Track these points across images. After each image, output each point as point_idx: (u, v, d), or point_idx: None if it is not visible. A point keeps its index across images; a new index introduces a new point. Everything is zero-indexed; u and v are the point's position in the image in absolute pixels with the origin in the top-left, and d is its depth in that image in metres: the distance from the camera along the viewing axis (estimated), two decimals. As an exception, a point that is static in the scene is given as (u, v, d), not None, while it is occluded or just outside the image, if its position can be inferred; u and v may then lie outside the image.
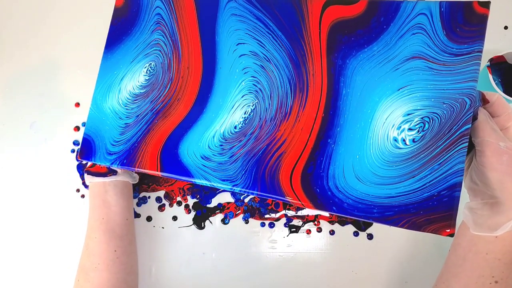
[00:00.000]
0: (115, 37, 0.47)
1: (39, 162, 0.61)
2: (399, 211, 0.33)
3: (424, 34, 0.34)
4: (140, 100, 0.45)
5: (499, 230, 0.33)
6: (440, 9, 0.34)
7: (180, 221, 0.58)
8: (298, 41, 0.38)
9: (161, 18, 0.45)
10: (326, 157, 0.37)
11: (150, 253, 0.57)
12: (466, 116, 0.32)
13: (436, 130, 0.33)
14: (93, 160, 0.45)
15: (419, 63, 0.34)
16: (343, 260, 0.56)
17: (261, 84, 0.40)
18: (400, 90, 0.35)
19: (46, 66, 0.65)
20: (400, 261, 0.55)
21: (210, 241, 0.57)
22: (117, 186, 0.48)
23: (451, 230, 0.32)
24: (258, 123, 0.39)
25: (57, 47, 0.66)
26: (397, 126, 0.35)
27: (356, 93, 0.36)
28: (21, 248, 0.58)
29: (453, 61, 0.33)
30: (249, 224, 0.57)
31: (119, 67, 0.46)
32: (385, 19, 0.35)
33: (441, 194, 0.33)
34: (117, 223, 0.47)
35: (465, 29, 0.33)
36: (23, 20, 0.68)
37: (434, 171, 0.33)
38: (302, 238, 0.57)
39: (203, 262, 0.56)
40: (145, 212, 0.58)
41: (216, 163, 0.40)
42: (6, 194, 0.60)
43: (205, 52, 0.43)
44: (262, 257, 0.56)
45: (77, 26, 0.67)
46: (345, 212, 0.35)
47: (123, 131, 0.44)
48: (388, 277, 0.55)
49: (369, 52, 0.36)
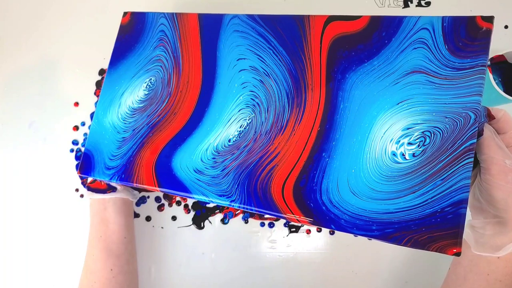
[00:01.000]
0: (119, 53, 0.48)
1: (38, 162, 0.61)
2: (399, 228, 0.32)
3: (425, 49, 0.34)
4: (138, 114, 0.45)
5: (501, 250, 0.32)
6: (443, 24, 0.33)
7: (180, 221, 0.58)
8: (299, 56, 0.38)
9: (165, 34, 0.46)
10: (320, 171, 0.36)
11: (149, 253, 0.57)
12: (471, 131, 0.31)
13: (438, 144, 0.32)
14: (92, 175, 0.45)
15: (419, 77, 0.34)
16: (343, 260, 0.55)
17: (259, 98, 0.40)
18: (399, 104, 0.34)
19: (45, 66, 0.65)
20: (400, 261, 0.54)
21: (209, 241, 0.57)
22: (116, 203, 0.47)
23: (457, 249, 0.30)
24: (253, 137, 0.39)
25: (56, 46, 0.66)
26: (396, 141, 0.34)
27: (354, 107, 0.35)
28: (20, 247, 0.58)
29: (456, 75, 0.32)
30: (248, 224, 0.57)
31: (121, 83, 0.47)
32: (386, 33, 0.35)
33: (444, 210, 0.31)
34: (114, 242, 0.47)
35: (468, 44, 0.32)
36: (21, 19, 0.67)
37: (436, 186, 0.31)
38: (302, 238, 0.56)
39: (202, 262, 0.56)
40: (145, 212, 0.58)
41: (209, 177, 0.40)
42: (6, 194, 0.60)
43: (205, 67, 0.43)
44: (262, 257, 0.56)
45: (76, 25, 0.67)
46: (344, 229, 0.34)
47: (120, 145, 0.44)
48: (388, 277, 0.55)
49: (369, 66, 0.35)
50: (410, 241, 0.31)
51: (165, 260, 0.57)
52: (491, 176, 0.31)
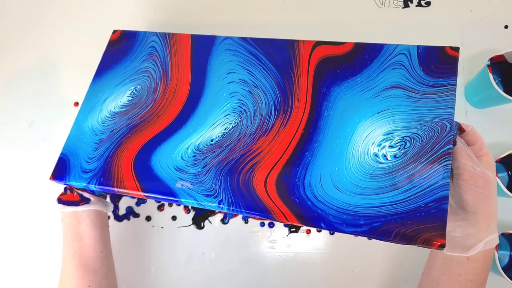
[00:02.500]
0: (106, 65, 0.48)
1: (38, 162, 0.61)
2: (386, 221, 0.33)
3: (403, 69, 0.38)
4: (118, 117, 0.44)
5: (471, 250, 0.34)
6: (418, 51, 0.39)
7: (180, 221, 0.58)
8: (288, 72, 0.41)
9: (155, 50, 0.47)
10: (302, 168, 0.37)
11: (149, 253, 0.57)
12: (448, 137, 0.34)
13: (418, 148, 0.35)
14: (68, 179, 0.42)
15: (398, 91, 0.38)
16: (343, 260, 0.55)
17: (246, 106, 0.41)
18: (379, 113, 0.37)
19: (45, 66, 0.65)
20: (400, 261, 0.54)
21: (209, 241, 0.57)
22: (90, 216, 0.45)
23: (442, 240, 0.31)
24: (237, 137, 0.40)
25: (56, 46, 0.66)
26: (378, 144, 0.36)
27: (337, 114, 0.38)
28: (20, 247, 0.58)
29: (430, 91, 0.37)
30: (248, 224, 0.57)
31: (104, 90, 0.46)
32: (369, 56, 0.39)
33: (428, 205, 0.33)
34: (90, 257, 0.44)
35: (439, 66, 0.37)
36: (21, 20, 0.67)
37: (418, 184, 0.34)
38: (302, 238, 0.56)
39: (202, 262, 0.56)
40: (144, 212, 0.58)
41: (191, 175, 0.39)
42: (6, 193, 0.60)
43: (194, 78, 0.44)
44: (262, 257, 0.56)
45: (76, 25, 0.67)
46: (333, 226, 0.34)
47: (97, 146, 0.43)
48: (388, 277, 0.54)
49: (352, 82, 0.39)
50: (397, 235, 0.32)
51: (165, 260, 0.57)
52: (463, 181, 0.34)
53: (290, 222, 0.36)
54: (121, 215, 0.58)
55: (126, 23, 0.67)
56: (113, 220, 0.58)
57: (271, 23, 0.66)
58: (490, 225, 0.34)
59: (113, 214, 0.58)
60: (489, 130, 0.59)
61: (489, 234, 0.34)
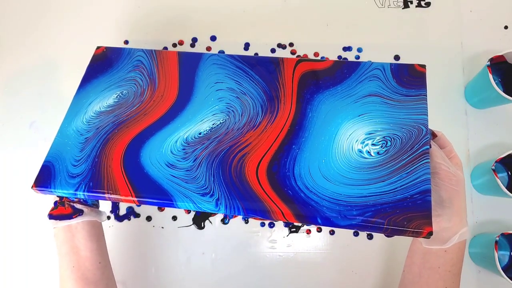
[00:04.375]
0: (90, 76, 0.47)
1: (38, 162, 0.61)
2: (376, 211, 0.35)
3: (378, 81, 0.43)
4: (103, 115, 0.44)
5: (448, 242, 0.37)
6: (391, 67, 0.44)
7: (180, 221, 0.58)
8: (273, 82, 0.44)
9: (141, 63, 0.47)
10: (291, 159, 0.39)
11: (150, 253, 0.57)
12: (425, 139, 0.38)
13: (398, 147, 0.38)
14: (53, 188, 0.39)
15: (375, 98, 0.42)
16: (343, 260, 0.55)
17: (234, 108, 0.43)
18: (360, 116, 0.41)
19: (45, 66, 0.65)
20: (400, 261, 0.54)
21: (210, 241, 0.57)
22: (84, 228, 0.43)
23: (430, 228, 0.34)
24: (224, 131, 0.41)
25: (56, 46, 0.66)
26: (361, 141, 0.39)
27: (321, 116, 0.41)
28: (20, 247, 0.58)
29: (405, 99, 0.41)
30: (249, 224, 0.57)
31: (89, 96, 0.45)
32: (347, 71, 0.44)
33: (414, 197, 0.35)
34: (89, 269, 0.43)
35: (410, 79, 0.42)
36: (21, 20, 0.67)
37: (402, 178, 0.36)
38: (302, 238, 0.56)
39: (202, 262, 0.56)
40: (145, 212, 0.58)
41: (184, 171, 0.39)
42: (6, 193, 0.60)
43: (182, 87, 0.45)
44: (262, 257, 0.56)
45: (76, 25, 0.67)
46: (328, 221, 0.35)
47: (83, 146, 0.41)
48: (388, 277, 0.55)
49: (334, 90, 0.43)
50: (389, 224, 0.34)
51: (165, 260, 0.57)
52: (439, 179, 0.38)
53: (288, 219, 0.36)
54: (121, 215, 0.58)
55: (126, 24, 0.67)
56: (114, 220, 0.58)
57: (271, 24, 0.66)
58: (462, 219, 0.37)
59: (114, 214, 0.58)
60: (489, 130, 0.60)
61: (462, 227, 0.37)
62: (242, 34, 0.65)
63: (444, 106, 0.61)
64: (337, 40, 0.64)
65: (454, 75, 0.62)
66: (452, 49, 0.63)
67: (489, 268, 0.53)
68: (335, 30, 0.65)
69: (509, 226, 0.56)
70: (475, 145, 0.59)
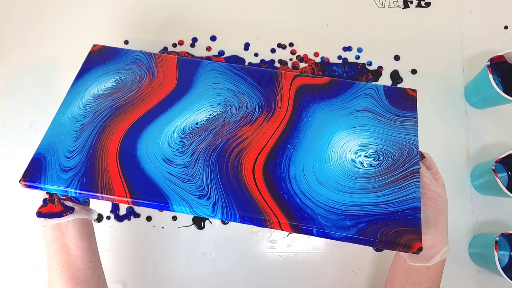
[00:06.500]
0: (86, 69, 0.46)
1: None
2: (370, 221, 0.35)
3: (372, 99, 0.44)
4: (101, 99, 0.42)
5: (431, 260, 0.39)
6: (384, 88, 0.45)
7: (180, 221, 0.58)
8: (271, 89, 0.45)
9: (140, 60, 0.46)
10: (286, 159, 0.39)
11: (150, 253, 0.57)
12: (415, 159, 0.39)
13: (390, 162, 0.39)
14: (43, 183, 0.37)
15: (368, 114, 0.43)
16: (343, 260, 0.55)
17: (231, 102, 0.43)
18: (354, 128, 0.42)
19: (45, 65, 0.65)
20: (400, 261, 0.54)
21: (210, 241, 0.57)
22: (75, 226, 0.42)
23: (419, 244, 0.34)
24: (221, 123, 0.41)
25: (56, 46, 0.66)
26: (354, 152, 0.40)
27: (316, 122, 0.42)
28: (21, 247, 0.58)
29: (397, 119, 0.42)
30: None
31: (85, 83, 0.44)
32: (343, 88, 0.45)
33: (405, 212, 0.36)
34: (80, 269, 0.42)
35: (402, 101, 0.44)
36: (21, 19, 0.67)
37: (394, 192, 0.37)
38: (302, 238, 0.56)
39: (202, 262, 0.56)
40: (145, 212, 0.58)
41: (181, 168, 0.38)
42: (6, 193, 0.60)
43: (180, 82, 0.45)
44: (262, 257, 0.56)
45: (76, 25, 0.67)
46: (324, 231, 0.35)
47: (78, 135, 0.40)
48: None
49: (329, 102, 0.44)
50: (382, 236, 0.35)
51: (165, 260, 0.57)
52: (427, 199, 0.39)
53: (283, 229, 0.36)
54: (121, 215, 0.58)
55: (126, 23, 0.67)
56: (114, 220, 0.58)
57: (271, 24, 0.66)
58: (445, 238, 0.39)
59: (114, 214, 0.58)
60: (489, 130, 0.60)
61: (445, 245, 0.39)
62: (242, 34, 0.65)
63: (444, 106, 0.61)
64: (337, 40, 0.64)
65: (454, 75, 0.62)
66: (452, 49, 0.63)
67: (489, 268, 0.53)
68: (335, 30, 0.65)
69: (509, 226, 0.56)
70: (475, 145, 0.59)
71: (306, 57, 0.64)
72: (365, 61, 0.63)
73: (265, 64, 0.63)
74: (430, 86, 0.62)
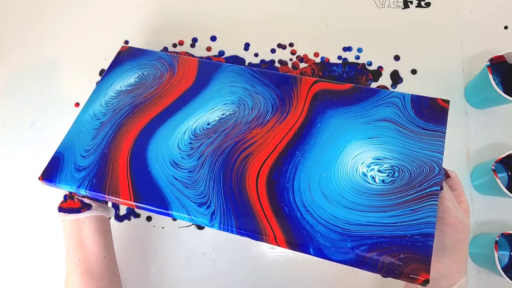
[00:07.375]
0: (113, 67, 0.48)
1: (38, 162, 0.61)
2: (372, 244, 0.32)
3: (396, 108, 0.40)
4: (122, 95, 0.45)
5: None
6: (411, 97, 0.41)
7: (180, 221, 0.58)
8: (288, 92, 0.43)
9: (163, 58, 0.48)
10: (292, 167, 0.38)
11: (150, 253, 0.57)
12: (436, 179, 0.35)
13: (406, 180, 0.35)
14: (58, 181, 0.40)
15: (389, 124, 0.39)
16: (343, 260, 0.55)
17: (245, 101, 0.43)
18: (370, 139, 0.38)
19: (46, 66, 0.65)
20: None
21: (210, 241, 0.57)
22: (92, 222, 0.44)
23: (426, 276, 0.31)
24: (232, 124, 0.41)
25: (56, 46, 0.66)
26: (367, 165, 0.37)
27: (330, 128, 0.40)
28: (21, 247, 0.58)
29: (421, 132, 0.38)
30: (249, 224, 0.57)
31: (110, 80, 0.47)
32: (365, 95, 0.42)
33: (414, 237, 0.32)
34: (94, 264, 0.44)
35: (430, 112, 0.39)
36: (21, 19, 0.67)
37: (406, 214, 0.34)
38: (302, 238, 0.56)
39: (203, 262, 0.56)
40: (145, 212, 0.58)
41: (186, 172, 0.39)
42: (6, 193, 0.60)
43: (199, 78, 0.46)
44: (262, 257, 0.56)
45: (76, 25, 0.67)
46: (322, 253, 0.33)
47: (96, 133, 0.42)
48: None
49: (348, 109, 0.41)
50: (383, 264, 0.32)
51: (165, 260, 0.57)
52: (446, 225, 0.35)
53: (279, 244, 0.34)
54: (121, 215, 0.58)
55: (127, 23, 0.67)
56: (114, 220, 0.58)
57: (271, 24, 0.66)
58: (462, 268, 0.36)
59: (114, 214, 0.58)
60: (489, 130, 0.60)
61: (462, 277, 0.35)
62: (242, 34, 0.65)
63: (444, 106, 0.61)
64: (337, 40, 0.64)
65: (454, 75, 0.62)
66: (452, 49, 0.63)
67: (489, 268, 0.53)
68: (335, 30, 0.65)
69: (509, 226, 0.56)
70: (475, 145, 0.59)
71: (306, 57, 0.64)
72: (365, 61, 0.63)
73: (265, 64, 0.63)
74: (430, 86, 0.62)
